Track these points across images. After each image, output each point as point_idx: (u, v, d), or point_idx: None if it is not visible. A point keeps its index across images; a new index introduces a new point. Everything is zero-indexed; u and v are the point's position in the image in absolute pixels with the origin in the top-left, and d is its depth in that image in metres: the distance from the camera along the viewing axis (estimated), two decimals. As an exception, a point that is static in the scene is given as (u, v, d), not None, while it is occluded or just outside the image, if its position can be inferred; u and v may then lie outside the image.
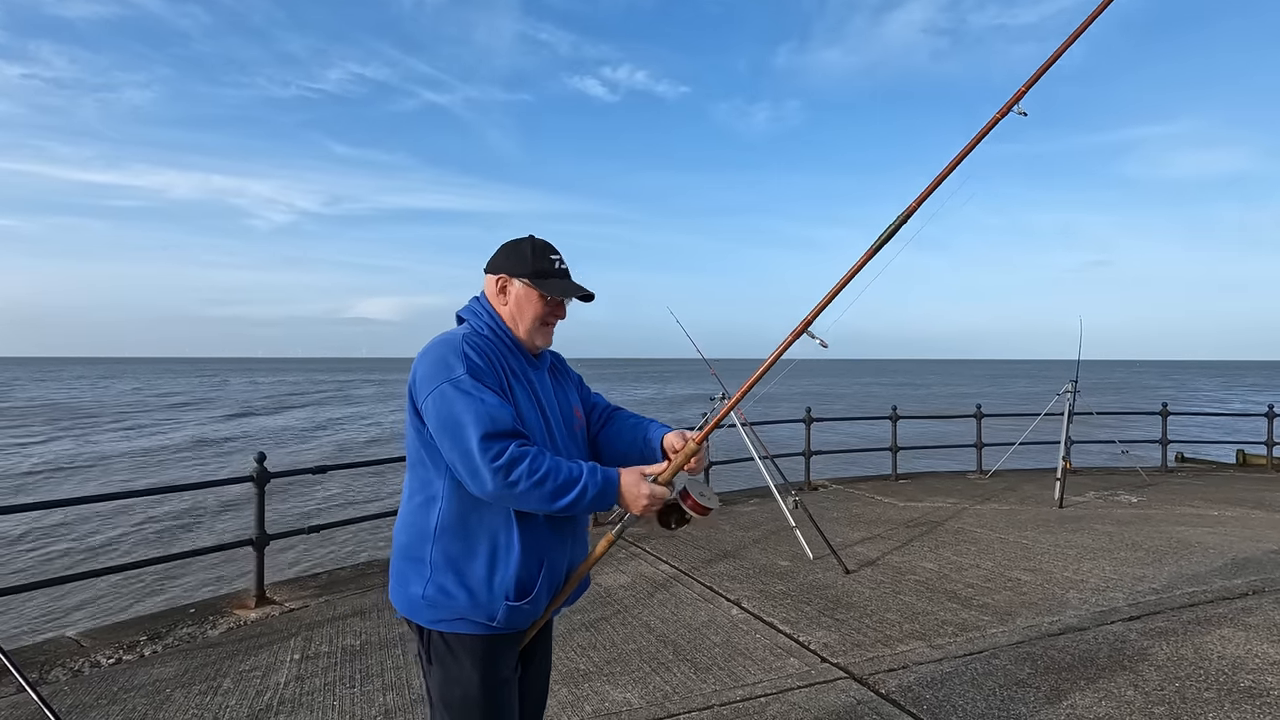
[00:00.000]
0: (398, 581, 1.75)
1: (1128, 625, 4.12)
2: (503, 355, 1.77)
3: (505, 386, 1.72)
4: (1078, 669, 3.53)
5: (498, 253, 1.87)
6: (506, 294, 1.83)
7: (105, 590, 9.16)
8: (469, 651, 1.71)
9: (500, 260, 1.85)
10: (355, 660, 3.89)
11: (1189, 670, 3.49)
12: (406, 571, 1.72)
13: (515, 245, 1.86)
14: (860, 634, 4.07)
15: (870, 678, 3.49)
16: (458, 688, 1.71)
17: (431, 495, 1.72)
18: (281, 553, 10.45)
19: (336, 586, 5.33)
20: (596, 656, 3.85)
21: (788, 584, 5.04)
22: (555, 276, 1.84)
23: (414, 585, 1.70)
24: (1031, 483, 9.26)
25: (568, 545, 1.82)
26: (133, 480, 18.79)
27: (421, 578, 1.69)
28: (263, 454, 5.01)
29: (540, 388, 1.84)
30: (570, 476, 1.63)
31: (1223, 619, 4.20)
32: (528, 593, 1.71)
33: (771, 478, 6.22)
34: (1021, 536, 6.33)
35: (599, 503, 1.66)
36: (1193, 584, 4.89)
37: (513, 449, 1.59)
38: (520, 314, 1.82)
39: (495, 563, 1.69)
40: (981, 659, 3.68)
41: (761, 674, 3.57)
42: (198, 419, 37.36)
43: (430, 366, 1.68)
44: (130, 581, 9.44)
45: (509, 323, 1.83)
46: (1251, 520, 6.98)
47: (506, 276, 1.82)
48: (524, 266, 1.81)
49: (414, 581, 1.70)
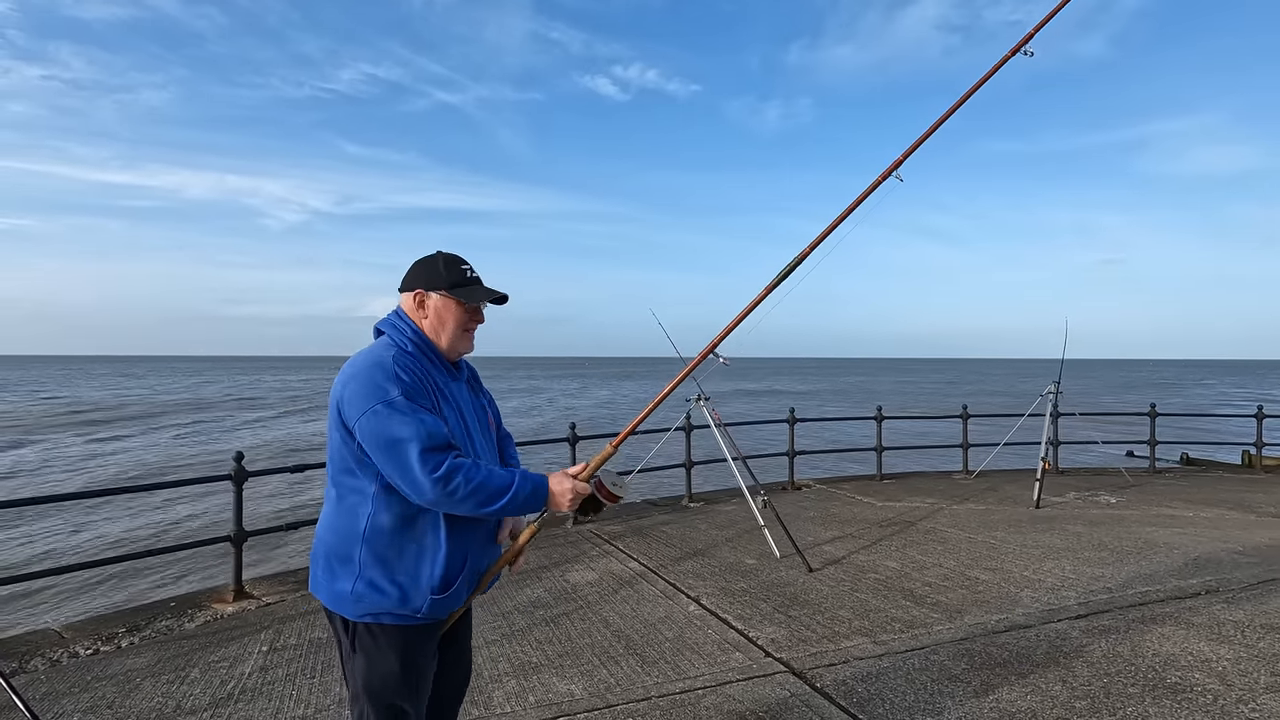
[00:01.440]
0: (324, 578, 1.88)
1: (1072, 623, 4.21)
2: (428, 371, 1.90)
3: (435, 404, 1.86)
4: (1012, 665, 3.64)
5: (410, 271, 1.99)
6: (425, 308, 1.95)
7: (101, 580, 9.42)
8: (392, 641, 1.86)
9: (414, 277, 1.97)
10: (320, 653, 4.05)
11: (1120, 667, 3.59)
12: (334, 568, 1.86)
13: (428, 261, 1.98)
14: (809, 630, 4.19)
15: (809, 672, 3.61)
16: (378, 675, 1.86)
17: (360, 500, 1.84)
18: (279, 548, 10.69)
19: (315, 582, 5.51)
20: (550, 650, 3.99)
21: (750, 582, 5.16)
22: (469, 285, 1.97)
23: (342, 582, 1.84)
24: (1014, 483, 9.31)
25: (486, 543, 2.00)
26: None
27: (350, 575, 1.83)
28: (240, 453, 5.19)
29: (461, 399, 1.99)
30: (503, 484, 1.80)
31: (1167, 618, 4.28)
32: (450, 585, 1.87)
33: (743, 478, 6.34)
34: (990, 536, 6.41)
35: (529, 505, 1.85)
36: (1148, 584, 4.97)
37: (450, 461, 1.75)
38: (441, 324, 1.95)
39: (422, 561, 1.84)
40: (921, 655, 3.79)
41: (705, 668, 3.70)
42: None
43: (363, 386, 1.79)
44: (128, 573, 9.70)
45: (430, 335, 1.95)
46: (1224, 521, 7.02)
47: (423, 291, 1.95)
48: (439, 280, 1.94)
49: (342, 578, 1.84)
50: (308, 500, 14.71)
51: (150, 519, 13.63)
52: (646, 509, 8.12)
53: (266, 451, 24.05)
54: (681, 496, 8.51)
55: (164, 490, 15.01)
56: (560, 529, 7.19)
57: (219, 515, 13.31)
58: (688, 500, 8.38)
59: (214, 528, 12.39)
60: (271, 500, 14.85)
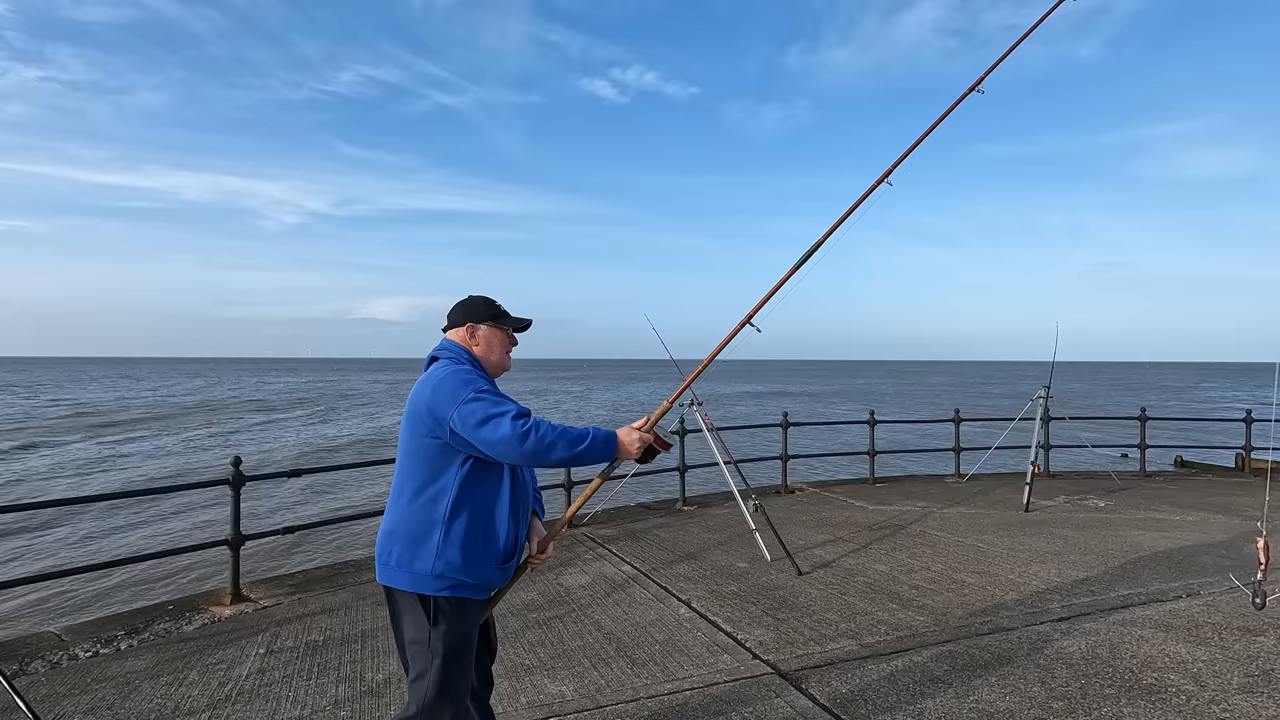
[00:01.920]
0: (404, 560, 2.23)
1: (1054, 626, 4.30)
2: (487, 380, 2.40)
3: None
4: (993, 666, 3.72)
5: (456, 312, 2.50)
6: (475, 337, 2.46)
7: (112, 583, 9.48)
8: (465, 611, 2.27)
9: (463, 315, 2.48)
10: (316, 655, 4.12)
11: (1099, 669, 3.67)
12: (415, 552, 2.21)
13: (470, 302, 2.51)
14: (797, 633, 4.27)
15: (795, 673, 3.69)
16: (455, 642, 2.23)
17: (440, 490, 2.24)
18: (283, 552, 10.75)
19: (311, 585, 5.58)
20: (543, 652, 4.07)
21: (741, 585, 5.25)
22: (504, 316, 2.51)
23: (422, 562, 2.20)
24: (1006, 486, 9.41)
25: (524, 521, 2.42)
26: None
27: (430, 555, 2.20)
28: (238, 458, 5.26)
29: None
30: (582, 432, 2.23)
31: (1147, 620, 4.37)
32: (509, 561, 2.32)
33: (734, 482, 6.42)
34: (979, 540, 6.50)
35: (604, 452, 2.26)
36: (1130, 586, 5.06)
37: (534, 419, 2.20)
38: (490, 349, 2.47)
39: (489, 541, 2.26)
40: (905, 657, 3.87)
41: (693, 669, 3.78)
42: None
43: (454, 386, 2.24)
44: (135, 575, 9.76)
45: (481, 358, 2.45)
46: (1210, 525, 7.11)
47: (473, 324, 2.46)
48: (483, 314, 2.48)
49: (422, 559, 2.20)
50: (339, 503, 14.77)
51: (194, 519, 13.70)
52: (641, 512, 8.20)
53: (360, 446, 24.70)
54: (676, 500, 8.59)
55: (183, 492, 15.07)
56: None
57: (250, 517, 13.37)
58: (682, 504, 8.46)
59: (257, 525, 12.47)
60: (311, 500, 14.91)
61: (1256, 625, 4.26)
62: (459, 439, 2.20)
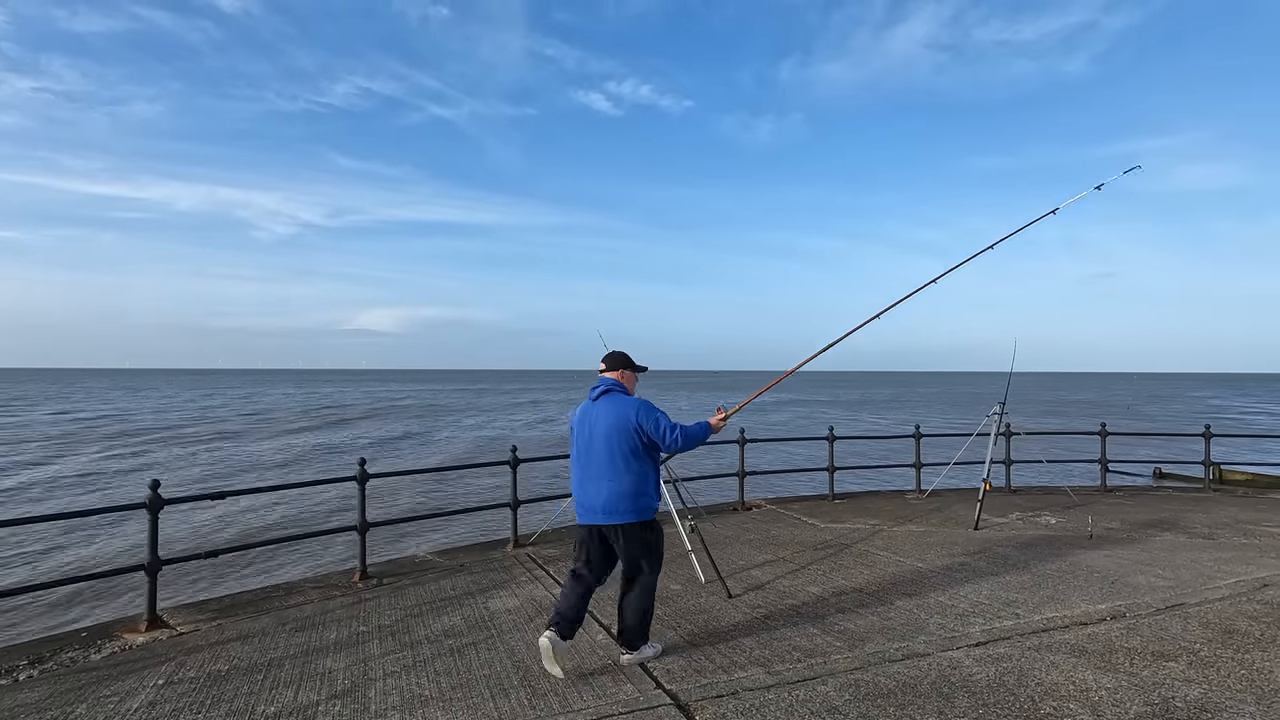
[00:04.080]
0: (632, 505, 4.02)
1: (969, 651, 4.25)
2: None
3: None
4: (895, 695, 3.66)
5: (615, 359, 4.32)
6: (625, 376, 4.31)
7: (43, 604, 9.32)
8: (658, 527, 4.21)
9: (618, 363, 4.32)
10: (215, 686, 4.03)
11: (1001, 697, 3.62)
12: (639, 499, 4.04)
13: (620, 355, 4.35)
14: (709, 660, 4.21)
15: (692, 704, 3.62)
16: (660, 543, 4.21)
17: (645, 467, 4.09)
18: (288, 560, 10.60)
19: (236, 610, 5.49)
20: (445, 682, 4.00)
21: (666, 609, 5.18)
22: (635, 365, 4.38)
23: (644, 500, 4.07)
24: (963, 503, 9.38)
25: None
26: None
27: (649, 498, 4.09)
28: (157, 481, 5.18)
29: None
30: (696, 427, 4.21)
31: (1064, 645, 4.32)
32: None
33: (673, 501, 6.36)
34: (920, 560, 6.45)
35: (705, 435, 4.25)
36: (1057, 608, 5.02)
37: (677, 426, 4.10)
38: (630, 384, 4.35)
39: (658, 490, 4.20)
40: (808, 685, 3.81)
41: (592, 700, 3.71)
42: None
43: (648, 409, 4.08)
44: (78, 593, 9.60)
45: (629, 388, 4.32)
46: (1155, 543, 7.09)
47: (624, 369, 4.32)
48: (629, 364, 4.34)
49: (643, 503, 4.06)
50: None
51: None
52: (591, 531, 8.13)
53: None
54: (629, 518, 8.52)
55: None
56: (499, 553, 7.20)
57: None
58: (634, 522, 8.39)
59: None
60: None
61: (1170, 650, 4.22)
62: (648, 439, 4.06)
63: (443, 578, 6.26)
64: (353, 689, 3.95)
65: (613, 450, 3.96)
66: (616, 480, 3.95)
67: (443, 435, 37.91)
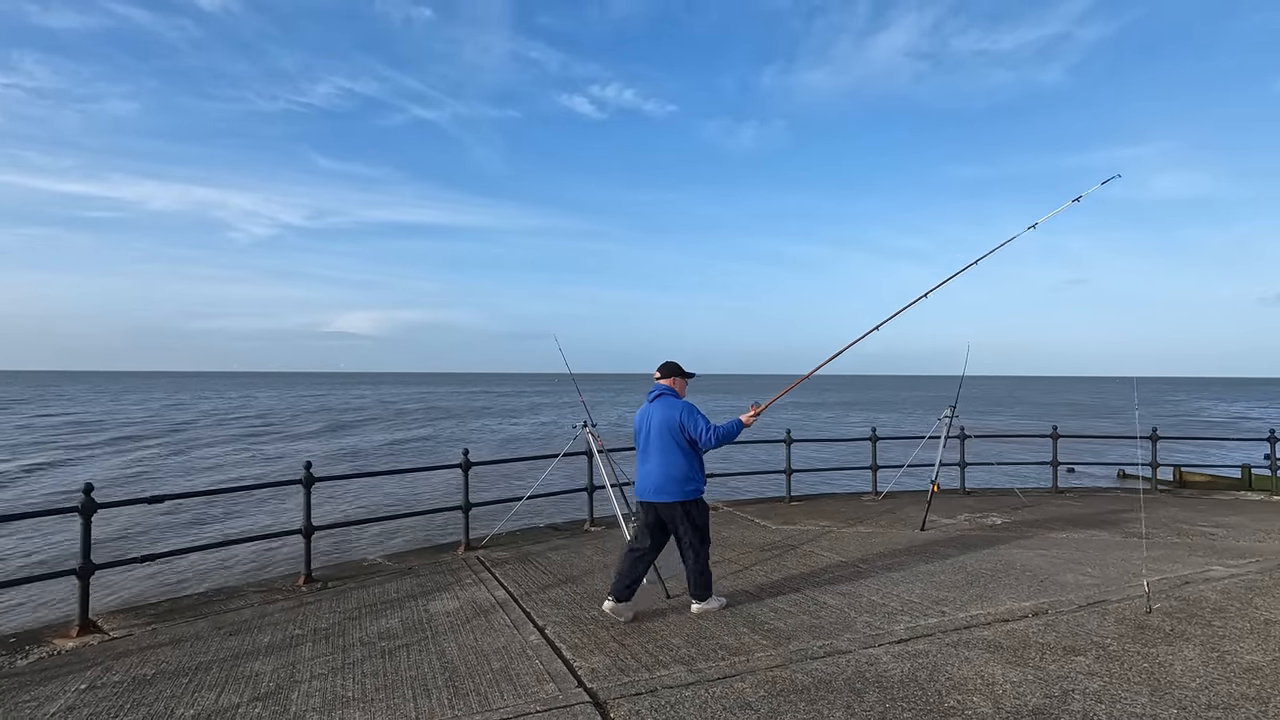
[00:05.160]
0: (679, 487, 4.90)
1: (889, 648, 4.36)
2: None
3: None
4: (808, 692, 3.76)
5: (669, 369, 5.21)
6: (677, 383, 5.19)
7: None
8: (702, 504, 5.06)
9: (672, 372, 5.20)
10: (137, 690, 4.02)
11: (910, 692, 3.72)
12: (686, 482, 4.91)
13: (674, 365, 5.23)
14: (635, 659, 4.27)
15: (610, 702, 3.69)
16: (706, 520, 5.09)
17: (690, 457, 4.94)
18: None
19: (174, 614, 5.46)
20: (370, 684, 4.02)
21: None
22: (685, 372, 5.28)
23: (692, 484, 4.94)
24: (917, 504, 9.54)
25: None
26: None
27: (695, 481, 4.96)
28: (90, 484, 5.15)
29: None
30: (731, 425, 4.96)
31: (982, 641, 4.45)
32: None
33: (619, 505, 6.43)
34: (863, 560, 6.58)
35: (739, 431, 4.96)
36: (984, 606, 5.15)
37: (713, 426, 4.91)
38: (682, 390, 5.23)
39: (701, 475, 5.03)
40: (727, 683, 3.89)
41: (513, 699, 3.76)
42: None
43: (690, 409, 4.94)
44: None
45: (680, 394, 5.19)
46: (1089, 542, 7.28)
47: (676, 377, 5.21)
48: (680, 373, 5.23)
49: (692, 485, 4.94)
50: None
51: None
52: (546, 533, 8.18)
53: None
54: (585, 520, 8.58)
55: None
56: (449, 556, 7.21)
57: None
58: (589, 524, 8.45)
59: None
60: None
61: (1082, 645, 4.35)
62: (689, 436, 4.91)
63: (388, 581, 6.26)
64: (276, 691, 3.96)
65: (663, 443, 4.91)
66: (665, 467, 4.89)
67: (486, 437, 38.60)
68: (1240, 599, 5.28)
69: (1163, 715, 3.45)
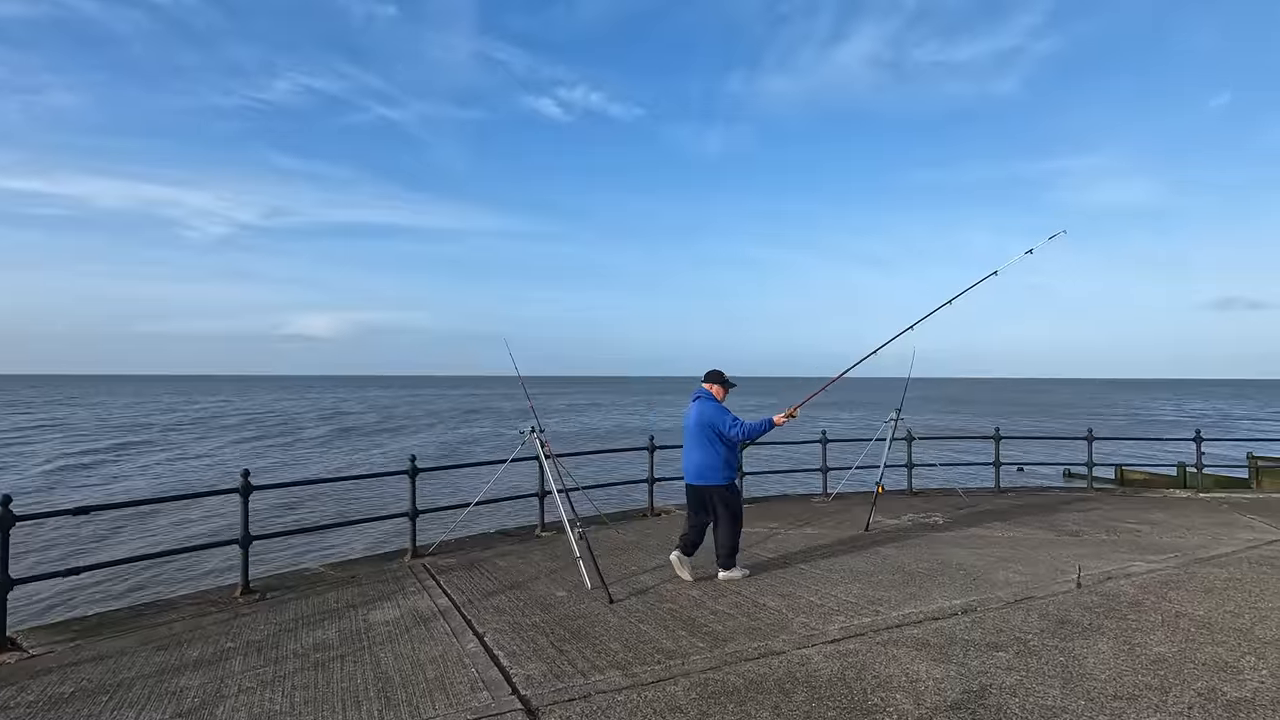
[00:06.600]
0: (715, 475, 5.95)
1: (822, 648, 4.46)
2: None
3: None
4: (738, 694, 3.82)
5: (713, 376, 6.22)
6: (716, 389, 6.18)
7: None
8: (737, 490, 6.26)
9: (716, 379, 6.21)
10: (54, 709, 3.89)
11: (836, 691, 3.82)
12: (720, 471, 5.96)
13: (718, 373, 6.23)
14: (571, 665, 4.29)
15: (543, 709, 3.70)
16: (739, 506, 6.18)
17: (722, 449, 5.96)
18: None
19: (101, 629, 5.28)
20: (299, 697, 3.96)
21: (546, 616, 5.24)
22: (727, 380, 6.27)
23: (726, 473, 5.99)
24: (865, 505, 9.73)
25: None
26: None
27: (730, 470, 6.04)
28: (8, 496, 4.96)
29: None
30: (760, 422, 5.94)
31: (910, 639, 4.58)
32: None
33: (565, 511, 6.44)
34: (805, 561, 6.70)
35: (768, 429, 5.91)
36: (917, 604, 5.30)
37: (742, 423, 5.92)
38: (722, 395, 6.21)
39: (732, 464, 6.07)
40: (660, 686, 3.94)
41: (445, 708, 3.74)
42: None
43: (719, 410, 6.01)
44: None
45: (720, 399, 6.18)
46: (1024, 541, 7.55)
47: (716, 384, 6.21)
48: (723, 380, 6.23)
49: (725, 471, 5.98)
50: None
51: None
52: (496, 539, 8.13)
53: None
54: (536, 526, 8.55)
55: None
56: (395, 564, 7.12)
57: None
58: (540, 530, 8.43)
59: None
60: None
61: (1004, 641, 4.52)
62: (721, 433, 5.87)
63: (329, 590, 6.16)
64: (200, 707, 3.87)
65: (700, 437, 5.93)
66: (701, 457, 5.94)
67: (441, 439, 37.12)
68: (1156, 593, 5.54)
69: (1072, 706, 3.60)
